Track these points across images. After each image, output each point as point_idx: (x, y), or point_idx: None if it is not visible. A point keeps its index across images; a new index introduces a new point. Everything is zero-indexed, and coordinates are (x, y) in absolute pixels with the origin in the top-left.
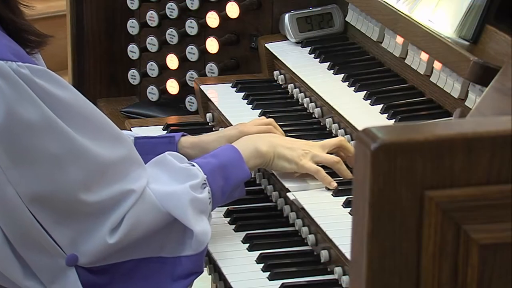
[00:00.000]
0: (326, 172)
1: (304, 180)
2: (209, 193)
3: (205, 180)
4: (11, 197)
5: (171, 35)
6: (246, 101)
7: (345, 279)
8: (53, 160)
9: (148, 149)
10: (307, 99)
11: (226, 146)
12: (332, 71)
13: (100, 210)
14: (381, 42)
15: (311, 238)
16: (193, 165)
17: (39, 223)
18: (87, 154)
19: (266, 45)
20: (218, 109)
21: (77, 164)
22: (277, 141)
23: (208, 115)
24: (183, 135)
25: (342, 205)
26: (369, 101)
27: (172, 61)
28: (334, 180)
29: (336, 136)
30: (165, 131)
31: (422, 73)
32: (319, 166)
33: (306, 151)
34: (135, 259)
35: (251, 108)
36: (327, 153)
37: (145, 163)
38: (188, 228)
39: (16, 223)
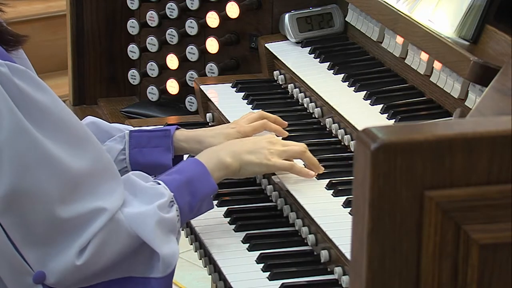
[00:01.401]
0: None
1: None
2: (177, 210)
3: (172, 198)
4: None
5: (171, 35)
6: (246, 101)
7: (345, 279)
8: (23, 169)
9: (143, 142)
10: (307, 99)
11: (190, 160)
12: (332, 71)
13: (70, 228)
14: (381, 42)
15: (311, 238)
16: (159, 183)
17: (9, 237)
18: (60, 164)
19: (266, 45)
20: (218, 109)
21: (48, 174)
22: (239, 149)
23: (208, 115)
24: (177, 128)
25: (342, 205)
26: (369, 101)
27: (172, 61)
28: (334, 180)
29: (336, 136)
30: None
31: (422, 73)
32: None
33: (271, 150)
34: (106, 281)
35: (251, 108)
36: None
37: (140, 157)
38: (155, 251)
39: None
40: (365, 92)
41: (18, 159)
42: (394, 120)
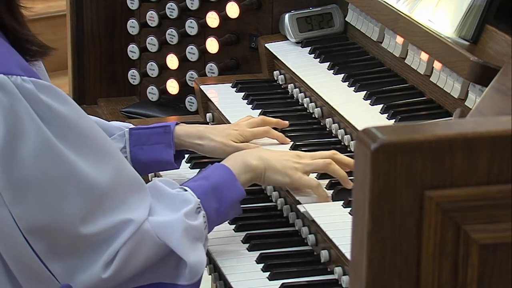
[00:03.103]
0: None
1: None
2: (204, 217)
3: (199, 204)
4: (5, 222)
5: (171, 35)
6: (246, 101)
7: (345, 279)
8: (49, 185)
9: (143, 139)
10: (307, 99)
11: (216, 165)
12: (332, 71)
13: (97, 242)
14: (381, 42)
15: (311, 238)
16: (186, 190)
17: (33, 250)
18: (86, 180)
19: (266, 45)
20: (218, 109)
21: (75, 190)
22: (266, 155)
23: (208, 115)
24: (177, 124)
25: (342, 205)
26: (369, 101)
27: (172, 61)
28: (334, 180)
29: (336, 136)
30: None
31: (422, 73)
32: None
33: (297, 162)
34: None
35: (251, 108)
36: None
37: (141, 154)
38: (182, 259)
39: (11, 248)
40: (365, 92)
41: (44, 176)
42: (394, 120)
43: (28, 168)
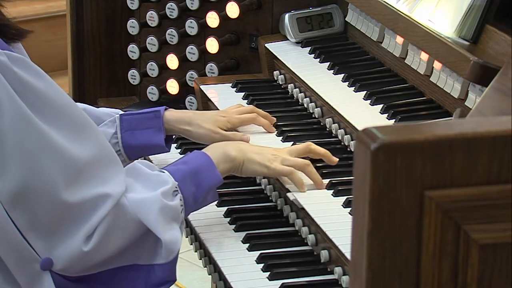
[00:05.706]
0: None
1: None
2: (181, 200)
3: (176, 187)
4: None
5: (171, 35)
6: (246, 101)
7: (345, 279)
8: (27, 156)
9: (134, 125)
10: (307, 99)
11: (196, 152)
12: (332, 71)
13: (77, 213)
14: (381, 42)
15: (311, 238)
16: (163, 172)
17: (14, 224)
18: (62, 150)
19: (266, 45)
20: (218, 109)
21: (52, 160)
22: (245, 147)
23: None
24: (166, 109)
25: (342, 205)
26: (369, 101)
27: (172, 61)
28: (334, 180)
29: (336, 136)
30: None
31: (422, 73)
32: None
33: (275, 155)
34: (111, 268)
35: None
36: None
37: (132, 139)
38: (159, 238)
39: None
40: (365, 92)
41: (21, 147)
42: (394, 120)
43: (4, 140)
